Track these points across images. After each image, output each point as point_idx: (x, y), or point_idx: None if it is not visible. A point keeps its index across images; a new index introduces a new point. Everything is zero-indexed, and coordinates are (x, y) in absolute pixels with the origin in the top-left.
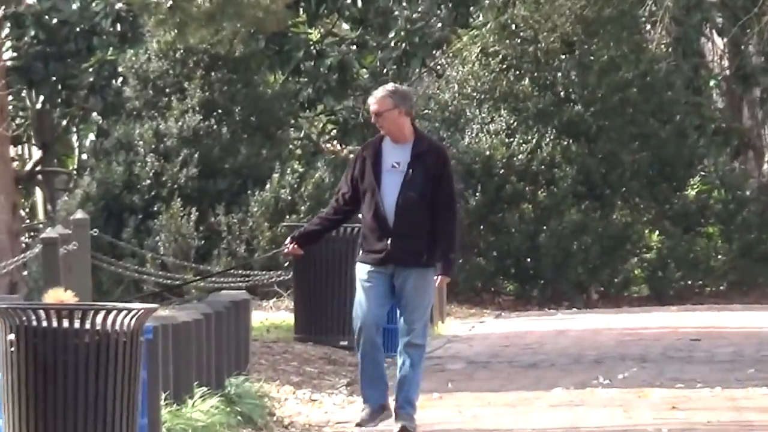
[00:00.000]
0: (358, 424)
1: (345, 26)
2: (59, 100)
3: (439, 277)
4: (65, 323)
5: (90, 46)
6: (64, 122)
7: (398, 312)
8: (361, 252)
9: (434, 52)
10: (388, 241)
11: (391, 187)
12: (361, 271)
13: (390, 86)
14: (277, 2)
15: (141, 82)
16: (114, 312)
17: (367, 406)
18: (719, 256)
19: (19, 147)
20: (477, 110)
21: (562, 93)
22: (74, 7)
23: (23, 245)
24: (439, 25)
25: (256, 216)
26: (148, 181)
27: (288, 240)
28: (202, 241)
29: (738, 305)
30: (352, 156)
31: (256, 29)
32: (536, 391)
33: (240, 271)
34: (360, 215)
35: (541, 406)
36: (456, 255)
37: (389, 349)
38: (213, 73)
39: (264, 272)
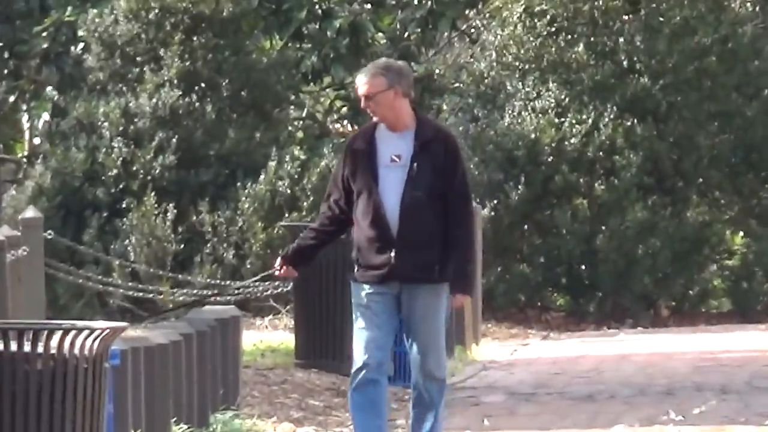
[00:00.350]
0: None
1: None
2: (5, 71)
3: (456, 295)
4: (12, 345)
5: (43, 5)
6: (12, 98)
7: (406, 339)
8: (356, 268)
9: (467, 11)
10: (392, 253)
11: (392, 186)
12: (359, 293)
13: (382, 62)
14: None
15: (106, 49)
16: (73, 332)
17: None
18: None
19: None
20: (520, 83)
21: (624, 62)
22: None
23: None
24: None
25: (247, 214)
26: (115, 171)
27: (278, 261)
28: (182, 245)
29: None
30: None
31: None
32: (593, 429)
33: (229, 282)
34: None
35: None
36: (474, 267)
37: (406, 378)
38: (195, 38)
39: (257, 283)
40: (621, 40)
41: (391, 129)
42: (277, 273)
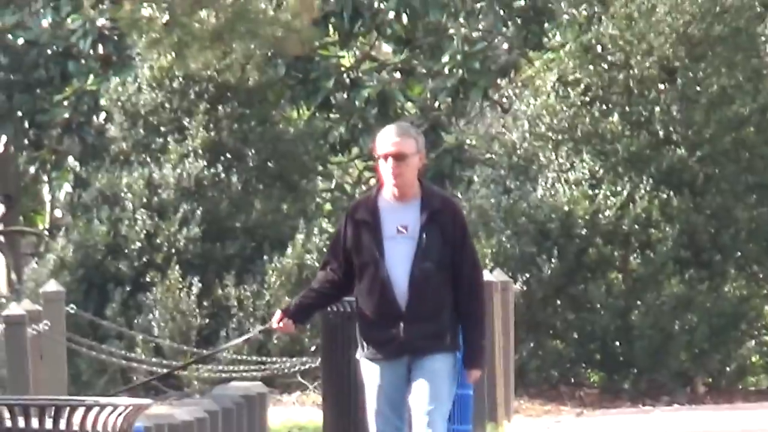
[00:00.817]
0: None
1: (387, 48)
2: (26, 141)
3: (472, 371)
4: (34, 423)
5: (65, 74)
6: (32, 169)
7: (410, 406)
8: (363, 345)
9: (499, 80)
10: (401, 327)
11: (399, 258)
12: (371, 371)
13: (407, 126)
14: (302, 18)
15: (129, 119)
16: (96, 409)
17: None
18: None
19: None
20: (553, 154)
21: (660, 132)
22: (45, 24)
23: None
24: (506, 46)
25: (274, 288)
26: (139, 244)
27: (277, 314)
28: (207, 320)
29: None
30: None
31: (275, 52)
32: None
33: (254, 358)
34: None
35: None
36: (486, 341)
37: None
38: (220, 108)
39: (284, 358)
40: (657, 109)
41: (398, 197)
42: (275, 326)
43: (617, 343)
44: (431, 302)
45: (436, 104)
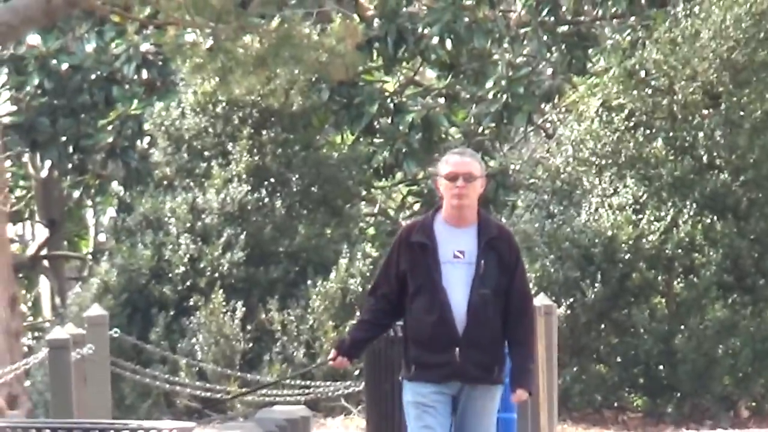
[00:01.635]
0: None
1: (431, 73)
2: (70, 165)
3: (518, 391)
4: None
5: (109, 98)
6: (77, 194)
7: None
8: (412, 367)
9: (543, 105)
10: (456, 352)
11: (457, 283)
12: (416, 392)
13: (473, 151)
14: (346, 43)
15: (173, 143)
16: None
17: None
18: None
19: (20, 225)
20: (596, 179)
21: (704, 157)
22: (89, 48)
23: (25, 348)
24: (550, 71)
25: (318, 312)
26: (182, 268)
27: (333, 352)
28: (250, 344)
29: None
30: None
31: (319, 77)
32: None
33: (298, 382)
34: (406, 319)
35: None
36: (534, 365)
37: None
38: (264, 132)
39: (328, 382)
40: (701, 134)
41: (455, 222)
42: (331, 363)
43: (661, 367)
44: (488, 329)
45: (480, 129)
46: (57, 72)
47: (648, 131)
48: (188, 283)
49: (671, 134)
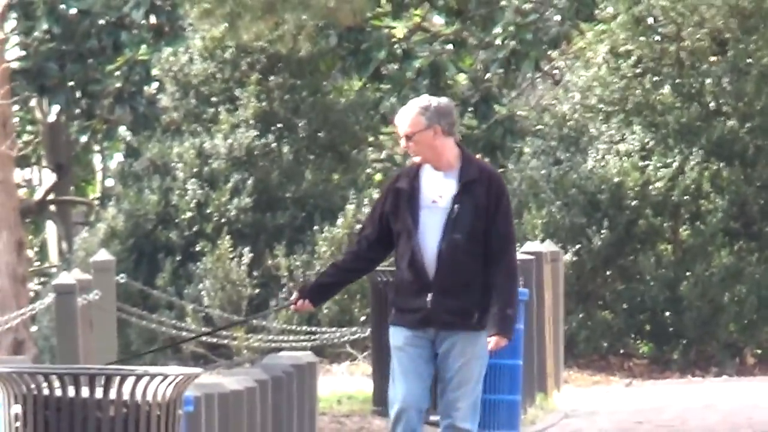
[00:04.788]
0: None
1: (438, 19)
2: (78, 110)
3: (494, 337)
4: (84, 392)
5: (117, 43)
6: (84, 139)
7: (438, 386)
8: (393, 311)
9: (550, 52)
10: (428, 298)
11: (431, 228)
12: (396, 336)
13: (423, 100)
14: None
15: (181, 89)
16: (146, 378)
17: None
18: None
19: (27, 170)
20: (604, 125)
21: (711, 104)
22: None
23: (31, 294)
24: (557, 18)
25: (324, 257)
26: (189, 214)
27: (296, 294)
28: (257, 290)
29: None
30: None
31: (327, 23)
32: None
33: (304, 328)
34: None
35: None
36: (514, 311)
37: (490, 425)
38: (271, 78)
39: (334, 328)
40: (708, 81)
41: (436, 167)
42: (293, 307)
43: (666, 314)
44: (461, 275)
45: (488, 76)
46: (65, 17)
47: (655, 78)
48: (195, 229)
49: (678, 81)
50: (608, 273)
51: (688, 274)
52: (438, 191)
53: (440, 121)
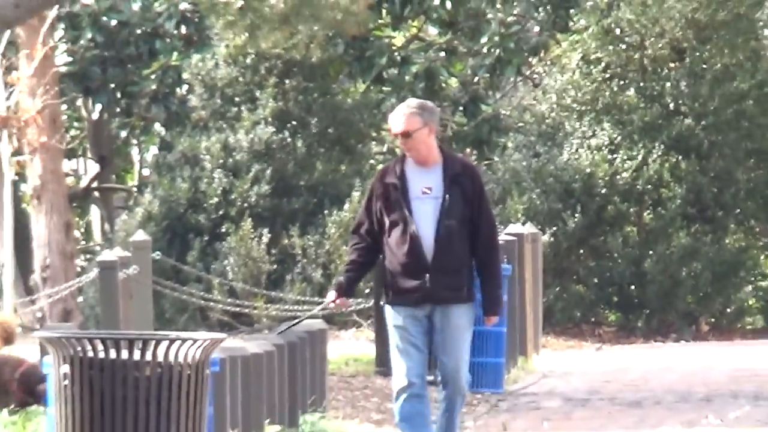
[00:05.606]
0: None
1: (432, 30)
2: (118, 109)
3: (490, 317)
4: (124, 354)
5: (152, 50)
6: (124, 134)
7: (439, 356)
8: (390, 293)
9: (530, 59)
10: (426, 277)
11: (425, 216)
12: (395, 315)
13: (415, 102)
14: (359, 3)
15: (208, 90)
16: (178, 342)
17: None
18: None
19: (74, 161)
20: (577, 123)
21: (670, 105)
22: (135, 7)
23: (78, 269)
24: (536, 29)
25: (333, 238)
26: (216, 199)
27: (332, 295)
28: (275, 266)
29: None
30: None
31: (335, 33)
32: (640, 431)
33: (316, 299)
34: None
35: None
36: (501, 290)
37: (478, 384)
38: (287, 81)
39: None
40: (668, 85)
41: (420, 164)
42: (332, 306)
43: (632, 288)
44: (454, 255)
45: (476, 79)
46: (107, 27)
47: (622, 82)
48: (221, 213)
49: (642, 84)
50: (581, 252)
51: (650, 252)
52: (425, 184)
53: (432, 121)
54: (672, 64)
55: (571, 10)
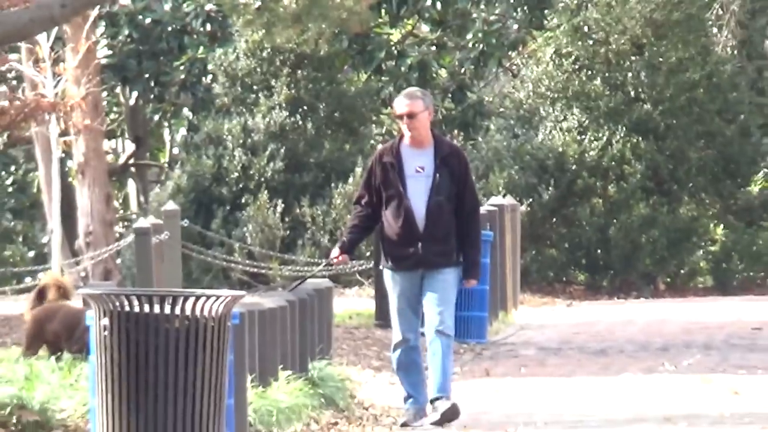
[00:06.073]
0: (404, 424)
1: (425, 27)
2: (152, 96)
3: (470, 280)
4: (156, 309)
5: (181, 45)
6: (157, 117)
7: (425, 306)
8: (388, 259)
9: (510, 52)
10: (419, 245)
11: (418, 192)
12: (393, 279)
13: (417, 89)
14: (361, 4)
15: (230, 80)
16: (203, 298)
17: (411, 406)
18: None
19: (114, 141)
20: (550, 108)
21: (632, 93)
22: (166, 7)
23: (117, 235)
24: (516, 27)
25: (339, 208)
26: (236, 174)
27: (336, 251)
28: (288, 232)
29: None
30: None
31: (340, 30)
32: (605, 376)
33: (324, 260)
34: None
35: (610, 391)
36: (480, 257)
37: (464, 335)
38: (299, 72)
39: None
40: (629, 75)
41: (415, 145)
42: (334, 262)
43: (598, 252)
44: (443, 227)
45: (462, 70)
46: (142, 25)
47: (589, 72)
48: (240, 186)
49: (607, 75)
50: (554, 220)
51: (614, 221)
52: (419, 163)
53: (431, 106)
54: (633, 57)
55: (546, 11)
